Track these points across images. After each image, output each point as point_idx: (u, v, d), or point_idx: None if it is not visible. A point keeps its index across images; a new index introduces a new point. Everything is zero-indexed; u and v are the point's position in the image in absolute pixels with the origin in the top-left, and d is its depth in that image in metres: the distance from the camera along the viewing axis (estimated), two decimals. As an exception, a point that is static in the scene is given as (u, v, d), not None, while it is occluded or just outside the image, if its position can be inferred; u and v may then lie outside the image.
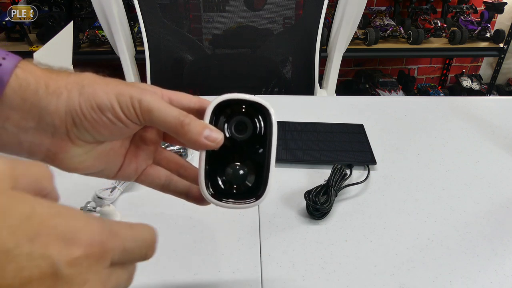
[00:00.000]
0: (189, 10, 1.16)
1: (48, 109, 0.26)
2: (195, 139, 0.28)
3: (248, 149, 0.30)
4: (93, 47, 1.92)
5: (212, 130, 0.29)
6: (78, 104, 0.26)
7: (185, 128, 0.28)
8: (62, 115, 0.26)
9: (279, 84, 1.20)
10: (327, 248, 0.49)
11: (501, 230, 0.52)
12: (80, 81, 0.27)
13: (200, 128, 0.28)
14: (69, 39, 0.83)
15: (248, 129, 0.30)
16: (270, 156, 0.30)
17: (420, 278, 0.45)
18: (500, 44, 2.08)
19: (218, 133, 0.29)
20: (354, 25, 1.13)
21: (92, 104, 0.26)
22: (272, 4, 1.08)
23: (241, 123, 0.30)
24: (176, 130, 0.28)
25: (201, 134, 0.28)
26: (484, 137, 0.73)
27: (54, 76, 0.27)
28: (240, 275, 0.45)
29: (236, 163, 0.30)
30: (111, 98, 0.27)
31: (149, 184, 0.34)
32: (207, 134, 0.28)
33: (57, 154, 0.28)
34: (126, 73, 1.17)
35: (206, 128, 0.28)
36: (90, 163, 0.29)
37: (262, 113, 0.30)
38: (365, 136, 0.71)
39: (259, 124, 0.30)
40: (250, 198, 0.30)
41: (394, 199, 0.57)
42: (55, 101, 0.26)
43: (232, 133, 0.30)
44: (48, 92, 0.26)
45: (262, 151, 0.30)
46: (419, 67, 2.58)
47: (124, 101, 0.27)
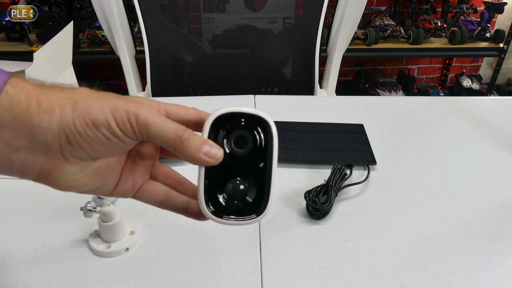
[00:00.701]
0: (189, 10, 1.16)
1: (41, 127, 0.25)
2: (194, 155, 0.27)
3: (249, 164, 0.30)
4: (93, 47, 1.92)
5: (212, 146, 0.28)
6: (72, 120, 0.25)
7: (184, 143, 0.27)
8: (55, 132, 0.25)
9: (279, 84, 1.20)
10: (327, 248, 0.49)
11: (501, 230, 0.52)
12: (73, 97, 0.26)
13: (199, 143, 0.28)
14: (69, 39, 0.83)
15: (248, 143, 0.29)
16: (271, 170, 0.29)
17: (420, 278, 0.45)
18: (500, 44, 2.08)
19: (218, 149, 0.28)
20: (354, 25, 1.13)
21: (87, 120, 0.26)
22: (272, 4, 1.08)
23: (241, 137, 0.29)
24: (175, 145, 0.27)
25: (200, 150, 0.27)
26: (484, 137, 0.73)
27: (46, 92, 0.26)
28: (240, 275, 0.46)
29: (236, 178, 0.30)
30: (106, 113, 0.26)
31: (146, 200, 0.33)
32: (207, 150, 0.28)
33: (50, 173, 0.27)
34: (126, 73, 1.17)
35: (205, 143, 0.28)
36: (85, 181, 0.29)
37: (262, 126, 0.29)
38: (365, 136, 0.71)
39: (259, 137, 0.30)
40: (251, 214, 0.30)
41: (394, 199, 0.57)
42: (48, 118, 0.25)
43: (231, 147, 0.29)
44: (40, 109, 0.25)
45: (263, 165, 0.30)
46: (419, 67, 2.58)
47: (120, 117, 0.26)
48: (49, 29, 1.83)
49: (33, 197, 0.56)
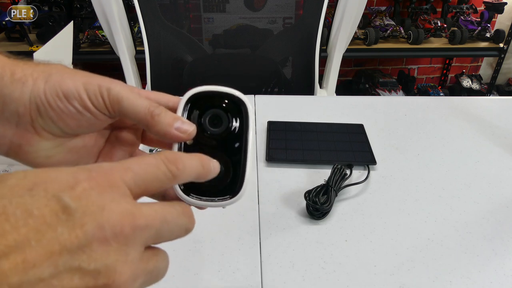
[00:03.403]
0: (189, 10, 1.16)
1: (12, 96, 0.25)
2: (165, 130, 0.27)
3: (224, 144, 0.29)
4: (93, 47, 1.92)
5: (184, 122, 0.27)
6: (43, 91, 0.25)
7: (155, 118, 0.27)
8: (26, 102, 0.25)
9: (279, 84, 1.20)
10: (327, 248, 0.49)
11: (501, 230, 0.52)
12: (47, 70, 0.26)
13: (171, 119, 0.27)
14: (69, 39, 0.83)
15: (223, 122, 0.29)
16: (246, 150, 0.29)
17: (420, 278, 0.45)
18: (500, 44, 2.08)
19: (190, 124, 0.28)
20: (354, 25, 1.13)
21: (58, 91, 0.25)
22: (272, 4, 1.08)
23: (215, 116, 0.29)
24: (146, 121, 0.27)
25: (172, 126, 0.27)
26: (484, 137, 0.73)
27: (21, 64, 0.26)
28: (240, 275, 0.46)
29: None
30: (78, 86, 0.26)
31: None
32: (178, 125, 0.27)
33: (21, 147, 0.26)
34: (126, 73, 1.17)
35: (177, 119, 0.27)
36: (58, 159, 0.28)
37: (238, 105, 0.29)
38: (365, 136, 0.71)
39: (235, 117, 0.29)
40: (225, 196, 0.29)
41: (394, 199, 0.57)
42: (20, 88, 0.25)
43: (206, 126, 0.29)
44: (14, 79, 0.25)
45: (238, 145, 0.29)
46: (419, 67, 2.58)
47: (92, 90, 0.26)
48: (49, 29, 1.83)
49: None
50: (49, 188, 0.19)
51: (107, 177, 0.21)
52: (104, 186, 0.20)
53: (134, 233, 0.20)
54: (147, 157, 0.23)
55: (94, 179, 0.20)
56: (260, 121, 0.76)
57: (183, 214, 0.24)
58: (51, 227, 0.18)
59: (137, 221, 0.20)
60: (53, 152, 0.27)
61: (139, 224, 0.20)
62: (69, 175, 0.20)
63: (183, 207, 0.24)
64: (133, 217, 0.20)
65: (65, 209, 0.19)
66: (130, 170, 0.22)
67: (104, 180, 0.20)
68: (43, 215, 0.18)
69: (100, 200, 0.20)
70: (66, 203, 0.19)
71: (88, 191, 0.19)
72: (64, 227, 0.18)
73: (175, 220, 0.23)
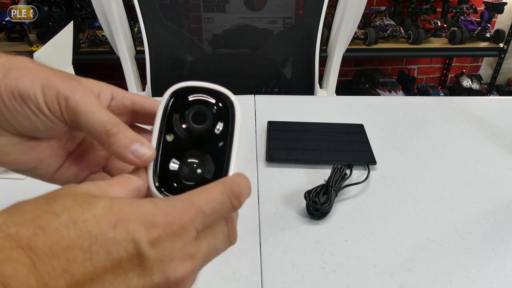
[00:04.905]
0: (189, 10, 1.16)
1: None
2: (120, 153, 0.25)
3: (207, 143, 0.27)
4: (93, 47, 1.92)
5: (143, 144, 0.25)
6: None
7: (111, 138, 0.24)
8: None
9: (279, 84, 1.20)
10: (327, 248, 0.49)
11: (501, 230, 0.52)
12: (8, 65, 0.24)
13: (127, 141, 0.25)
14: (69, 39, 0.83)
15: (208, 119, 0.27)
16: (231, 151, 0.27)
17: (420, 278, 0.45)
18: (500, 44, 2.08)
19: (149, 148, 0.25)
20: (354, 25, 1.13)
21: (13, 90, 0.24)
22: (272, 4, 1.08)
23: (199, 112, 0.27)
24: (101, 139, 0.25)
25: (127, 148, 0.24)
26: (484, 137, 0.73)
27: None
28: (240, 275, 0.45)
29: (191, 158, 0.27)
30: (35, 87, 0.24)
31: None
32: (134, 148, 0.25)
33: None
34: (126, 73, 1.17)
35: (135, 141, 0.25)
36: (17, 158, 0.26)
37: (225, 103, 0.27)
38: (365, 136, 0.71)
39: (221, 115, 0.27)
40: None
41: (394, 199, 0.57)
42: None
43: (189, 123, 0.27)
44: None
45: (223, 145, 0.27)
46: (419, 67, 2.58)
47: (50, 95, 0.24)
48: (49, 29, 1.83)
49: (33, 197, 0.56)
50: (129, 228, 0.20)
51: (180, 222, 0.21)
52: (176, 232, 0.21)
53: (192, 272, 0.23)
54: (213, 190, 0.23)
55: (169, 225, 0.21)
56: (260, 121, 0.76)
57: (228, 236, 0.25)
58: (125, 271, 0.20)
59: (196, 264, 0.22)
60: (11, 149, 0.26)
61: (198, 265, 0.23)
62: (148, 215, 0.21)
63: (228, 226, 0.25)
64: (193, 262, 0.22)
65: (140, 256, 0.20)
66: (200, 211, 0.22)
67: (178, 226, 0.21)
68: (120, 259, 0.19)
69: (171, 249, 0.21)
70: (142, 250, 0.20)
71: (162, 238, 0.21)
72: (135, 272, 0.20)
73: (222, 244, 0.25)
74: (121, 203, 0.21)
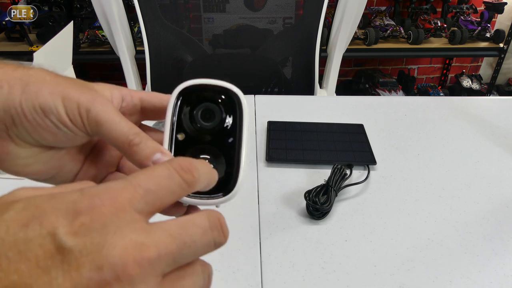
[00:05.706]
0: (189, 10, 1.16)
1: None
2: (142, 162, 0.25)
3: (217, 139, 0.27)
4: (93, 47, 1.92)
5: (164, 154, 0.25)
6: (19, 102, 0.24)
7: (133, 149, 0.25)
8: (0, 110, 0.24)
9: (279, 84, 1.20)
10: (327, 248, 0.49)
11: (501, 230, 0.52)
12: (25, 78, 0.24)
13: (150, 150, 0.25)
14: (69, 39, 0.83)
15: (216, 116, 0.27)
16: (241, 146, 0.27)
17: (420, 278, 0.45)
18: (500, 44, 2.08)
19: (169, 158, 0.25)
20: (354, 25, 1.13)
21: (34, 104, 0.24)
22: (272, 4, 1.08)
23: (208, 110, 0.27)
24: (124, 149, 0.25)
25: (149, 158, 0.25)
26: (484, 137, 0.73)
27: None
28: (240, 275, 0.45)
29: (203, 155, 0.27)
30: (56, 101, 0.24)
31: None
32: (157, 158, 0.25)
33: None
34: (126, 73, 1.17)
35: (157, 151, 0.25)
36: (38, 168, 0.26)
37: (232, 99, 0.28)
38: (365, 136, 0.71)
39: (228, 111, 0.27)
40: (218, 193, 0.27)
41: (394, 199, 0.57)
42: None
43: (198, 121, 0.27)
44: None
45: (232, 141, 0.27)
46: (419, 67, 2.58)
47: (71, 107, 0.24)
48: (49, 29, 1.83)
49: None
50: (44, 223, 0.17)
51: (112, 203, 0.18)
52: (107, 215, 0.18)
53: (142, 269, 0.17)
54: (158, 167, 0.21)
55: (96, 208, 0.18)
56: (260, 121, 0.76)
57: (209, 229, 0.21)
58: (45, 271, 0.16)
59: (145, 254, 0.17)
60: (31, 160, 0.26)
61: (148, 256, 0.18)
62: (69, 204, 0.18)
63: (209, 219, 0.22)
64: (140, 250, 0.17)
65: (60, 249, 0.17)
66: (139, 187, 0.19)
67: (108, 208, 0.18)
68: (36, 257, 0.16)
69: (101, 235, 0.17)
70: (62, 242, 0.17)
71: (88, 224, 0.17)
72: (59, 269, 0.16)
73: (198, 240, 0.21)
74: (39, 200, 0.18)
